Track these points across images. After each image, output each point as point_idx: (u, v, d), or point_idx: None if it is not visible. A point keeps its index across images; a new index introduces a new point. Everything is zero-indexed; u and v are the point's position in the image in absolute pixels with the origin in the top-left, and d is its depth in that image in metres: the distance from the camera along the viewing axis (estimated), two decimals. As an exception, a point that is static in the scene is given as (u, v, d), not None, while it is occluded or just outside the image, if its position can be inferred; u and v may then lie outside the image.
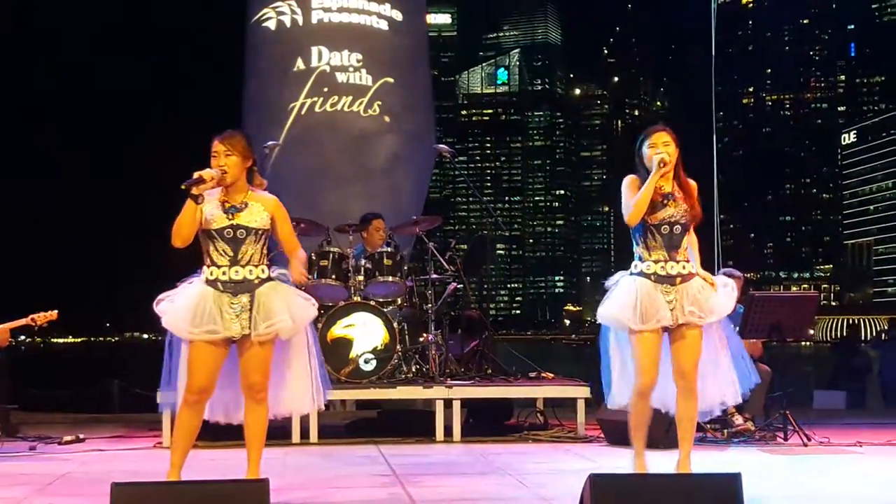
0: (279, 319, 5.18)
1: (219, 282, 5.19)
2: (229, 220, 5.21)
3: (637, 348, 5.44)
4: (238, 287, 5.18)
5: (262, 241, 5.28)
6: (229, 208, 5.23)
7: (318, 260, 8.88)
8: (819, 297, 9.82)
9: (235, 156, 5.24)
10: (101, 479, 5.55)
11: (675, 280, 5.48)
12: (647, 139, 5.57)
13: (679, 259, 5.50)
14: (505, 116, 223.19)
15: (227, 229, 5.20)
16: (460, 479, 6.43)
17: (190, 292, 5.21)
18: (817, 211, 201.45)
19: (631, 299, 5.45)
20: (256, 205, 5.29)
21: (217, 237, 5.20)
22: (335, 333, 8.64)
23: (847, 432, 8.67)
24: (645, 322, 5.41)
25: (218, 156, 5.24)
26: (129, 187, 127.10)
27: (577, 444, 8.19)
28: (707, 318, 5.46)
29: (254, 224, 5.24)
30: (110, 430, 9.04)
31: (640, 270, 5.53)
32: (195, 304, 5.14)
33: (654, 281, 5.48)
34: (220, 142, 5.26)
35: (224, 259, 5.20)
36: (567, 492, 5.30)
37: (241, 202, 5.26)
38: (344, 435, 8.75)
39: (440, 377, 8.73)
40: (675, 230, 5.51)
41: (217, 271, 5.19)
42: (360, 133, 12.40)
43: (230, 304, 5.16)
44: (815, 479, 6.38)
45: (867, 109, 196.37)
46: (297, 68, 12.33)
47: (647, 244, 5.53)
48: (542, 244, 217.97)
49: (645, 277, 5.50)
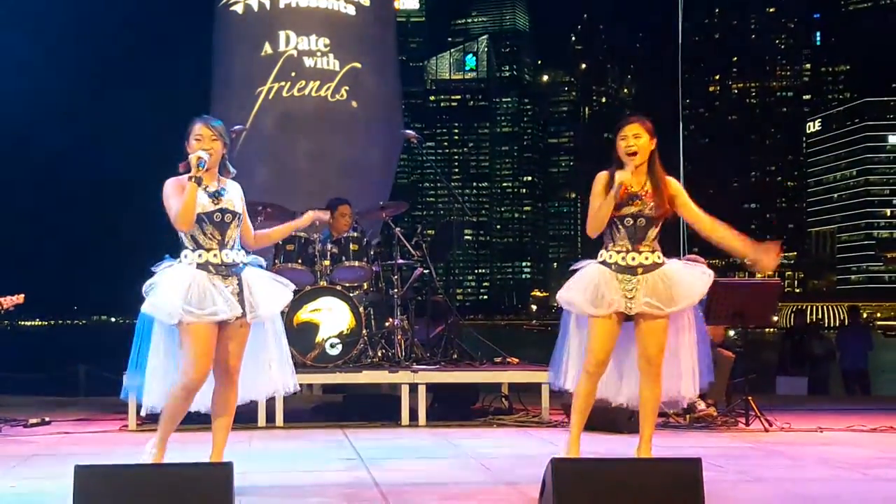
0: (267, 303, 5.26)
1: (210, 264, 5.17)
2: (215, 204, 5.22)
3: (591, 331, 5.49)
4: (228, 270, 5.20)
5: (240, 225, 5.33)
6: (213, 193, 5.25)
7: (285, 244, 8.87)
8: (782, 284, 9.91)
9: (220, 141, 5.29)
10: (66, 461, 5.54)
11: (637, 270, 5.49)
12: (619, 131, 5.57)
13: (643, 250, 5.51)
14: (473, 102, 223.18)
15: (216, 213, 5.21)
16: (425, 464, 6.46)
17: (177, 276, 5.16)
18: (782, 199, 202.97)
19: (588, 285, 5.50)
20: (231, 189, 5.34)
21: (206, 220, 5.19)
22: (301, 318, 8.64)
23: (808, 418, 8.78)
24: (596, 307, 5.44)
25: (203, 139, 5.24)
26: (98, 170, 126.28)
27: (542, 428, 8.24)
28: (667, 308, 5.47)
29: (237, 208, 5.29)
30: (76, 413, 9.02)
31: (604, 259, 5.57)
32: (187, 287, 5.10)
33: (615, 270, 5.51)
34: (205, 125, 5.28)
35: (213, 242, 5.20)
36: (530, 476, 5.34)
37: (219, 187, 5.30)
38: (309, 419, 8.77)
39: (406, 362, 8.75)
40: (639, 223, 5.52)
41: (207, 254, 5.18)
42: (327, 118, 12.37)
43: (222, 287, 5.16)
44: (775, 464, 6.46)
45: (832, 98, 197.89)
46: (265, 53, 12.29)
47: (612, 235, 5.56)
48: (510, 230, 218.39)
49: (607, 266, 5.54)
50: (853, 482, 5.80)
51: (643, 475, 4.51)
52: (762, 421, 8.09)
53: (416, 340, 9.28)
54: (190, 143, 5.26)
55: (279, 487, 5.57)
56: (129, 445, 7.10)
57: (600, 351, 5.46)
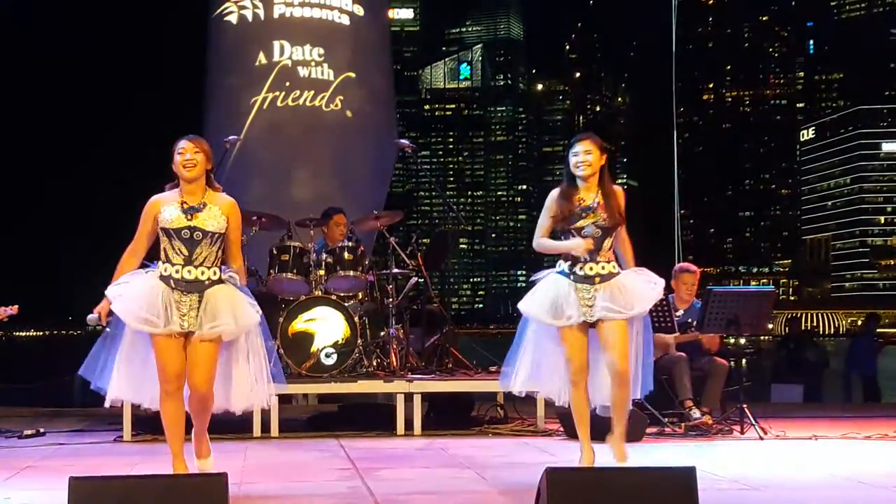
0: (223, 322, 5.30)
1: (171, 279, 5.30)
2: (187, 220, 5.32)
3: (563, 342, 5.72)
4: (189, 286, 5.31)
5: (218, 244, 5.39)
6: (188, 209, 5.34)
7: (280, 254, 8.86)
8: (777, 293, 9.93)
9: (202, 154, 5.39)
10: (60, 473, 5.53)
11: (594, 280, 5.72)
12: (572, 147, 5.83)
13: (600, 260, 5.73)
14: (467, 111, 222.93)
15: (185, 230, 5.31)
16: (420, 473, 6.46)
17: (142, 284, 5.32)
18: (776, 206, 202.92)
19: (547, 297, 5.75)
20: (214, 207, 5.40)
21: (174, 236, 5.32)
22: (296, 328, 8.64)
23: (803, 425, 8.78)
24: (556, 319, 5.70)
25: (185, 152, 5.36)
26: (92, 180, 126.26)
27: (537, 437, 8.23)
28: (626, 312, 5.68)
29: (210, 227, 5.34)
30: (70, 424, 9.01)
31: (563, 269, 5.80)
32: (145, 294, 5.26)
33: (574, 280, 5.73)
34: (188, 141, 5.41)
35: (179, 258, 5.31)
36: (525, 485, 5.34)
37: (199, 203, 5.37)
38: (305, 428, 8.76)
39: (401, 371, 8.75)
40: (594, 234, 5.74)
41: (171, 269, 5.31)
42: (322, 128, 12.39)
43: (178, 302, 5.28)
44: (770, 472, 6.46)
45: (825, 106, 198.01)
46: (259, 63, 12.31)
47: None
48: (505, 239, 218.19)
49: (565, 277, 5.76)
50: (848, 490, 5.81)
51: (637, 484, 4.52)
52: (757, 429, 8.09)
53: (412, 350, 9.27)
54: (174, 160, 5.39)
55: (274, 497, 5.57)
56: (124, 457, 7.10)
57: (575, 359, 5.71)
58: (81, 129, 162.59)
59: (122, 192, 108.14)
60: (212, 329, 5.28)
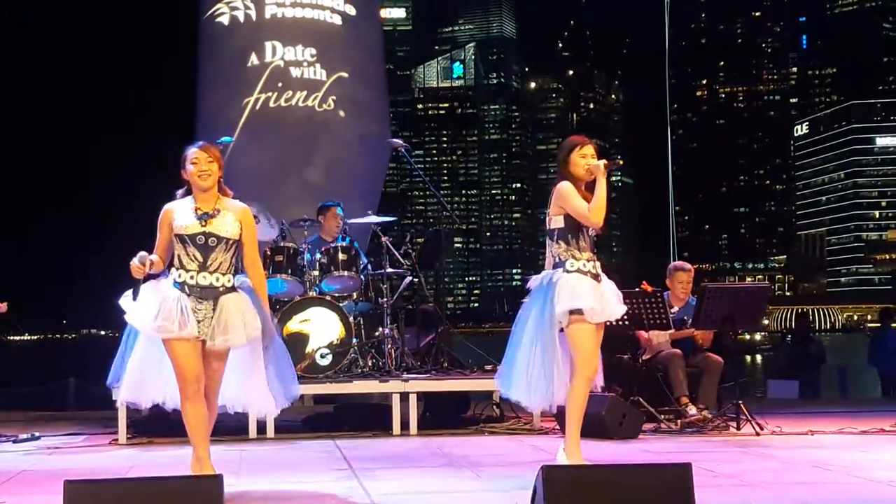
0: (234, 336, 5.35)
1: (186, 285, 5.35)
2: (202, 226, 5.38)
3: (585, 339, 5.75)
4: (204, 293, 5.35)
5: (232, 250, 5.46)
6: (202, 215, 5.40)
7: (273, 255, 8.86)
8: (771, 288, 9.93)
9: (216, 163, 5.46)
10: (55, 476, 5.52)
11: (599, 279, 5.89)
12: (580, 148, 5.93)
13: (595, 260, 5.92)
14: (461, 110, 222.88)
15: (200, 236, 5.37)
16: (416, 473, 6.45)
17: (156, 291, 5.34)
18: (770, 202, 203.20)
19: (587, 291, 5.75)
20: (228, 212, 5.47)
21: (189, 242, 5.37)
22: (291, 328, 8.63)
23: (800, 421, 8.78)
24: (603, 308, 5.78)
25: (199, 162, 5.42)
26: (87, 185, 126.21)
27: (533, 436, 8.24)
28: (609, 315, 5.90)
29: (224, 233, 5.40)
30: (66, 428, 8.99)
31: (578, 268, 5.83)
32: (160, 302, 5.29)
33: (591, 278, 5.83)
34: (201, 150, 5.47)
35: (193, 264, 5.36)
36: (522, 484, 5.34)
37: (213, 209, 5.43)
38: (300, 429, 8.75)
39: (396, 371, 8.75)
40: (589, 232, 5.91)
41: (185, 275, 5.36)
42: (315, 128, 12.38)
43: (194, 309, 5.32)
44: (766, 468, 6.46)
45: (819, 101, 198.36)
46: (251, 63, 12.29)
47: (579, 245, 5.87)
48: (500, 237, 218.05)
49: (583, 275, 5.82)
50: (844, 485, 5.81)
51: (633, 481, 4.51)
52: (753, 425, 8.09)
53: (407, 349, 9.28)
54: (186, 169, 5.45)
55: (270, 499, 5.57)
56: (119, 460, 7.09)
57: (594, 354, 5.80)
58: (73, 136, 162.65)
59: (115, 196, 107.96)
60: (224, 342, 5.34)
